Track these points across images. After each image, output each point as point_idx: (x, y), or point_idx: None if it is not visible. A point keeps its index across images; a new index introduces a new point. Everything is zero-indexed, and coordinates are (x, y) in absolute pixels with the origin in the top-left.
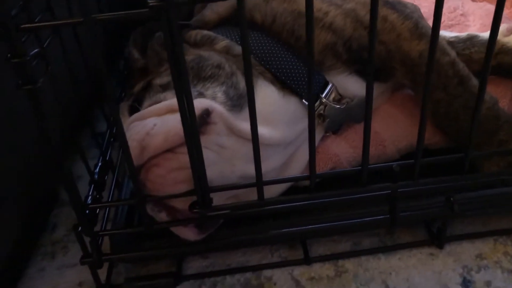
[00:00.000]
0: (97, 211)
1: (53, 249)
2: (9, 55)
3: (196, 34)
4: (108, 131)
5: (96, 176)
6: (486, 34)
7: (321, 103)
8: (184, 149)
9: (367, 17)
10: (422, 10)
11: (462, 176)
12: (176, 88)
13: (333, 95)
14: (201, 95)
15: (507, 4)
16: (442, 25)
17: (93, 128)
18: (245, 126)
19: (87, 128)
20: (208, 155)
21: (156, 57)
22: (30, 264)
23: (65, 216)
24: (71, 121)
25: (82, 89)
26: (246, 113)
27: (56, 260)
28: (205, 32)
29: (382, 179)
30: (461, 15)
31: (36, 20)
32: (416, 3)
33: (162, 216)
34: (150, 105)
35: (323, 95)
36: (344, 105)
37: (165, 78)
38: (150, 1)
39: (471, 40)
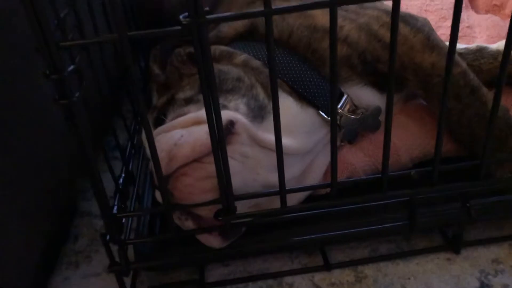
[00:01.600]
0: (123, 220)
1: (77, 259)
2: (47, 71)
3: (215, 49)
4: (129, 142)
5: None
6: (494, 46)
7: (337, 113)
8: (211, 159)
9: (380, 30)
10: None
11: (478, 181)
12: (206, 101)
13: (348, 106)
14: (224, 107)
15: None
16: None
17: (117, 140)
18: (267, 136)
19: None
20: (232, 164)
21: (177, 73)
22: (55, 274)
23: (86, 227)
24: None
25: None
26: (267, 123)
27: (80, 269)
28: (223, 47)
29: (397, 187)
30: (467, 27)
31: (69, 38)
32: (423, 16)
33: (189, 224)
34: (174, 118)
35: (339, 106)
36: (359, 116)
37: (188, 92)
38: (183, 20)
39: (480, 51)
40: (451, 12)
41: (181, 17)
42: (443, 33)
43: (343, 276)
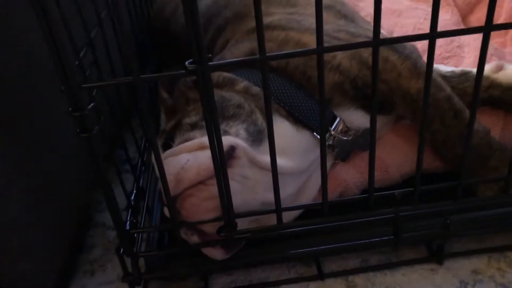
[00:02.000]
0: (135, 235)
1: (92, 268)
2: (70, 109)
3: (219, 76)
4: (139, 160)
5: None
6: None
7: (331, 135)
8: (214, 181)
9: (370, 58)
10: (421, 43)
11: (456, 201)
12: (209, 131)
13: (340, 127)
14: (226, 133)
15: (500, 33)
16: (439, 57)
17: (127, 154)
18: (265, 158)
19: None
20: (233, 185)
21: (183, 97)
22: (73, 281)
23: (100, 237)
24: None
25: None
26: (264, 146)
27: (96, 277)
28: (226, 74)
29: (386, 201)
30: (457, 47)
31: (87, 74)
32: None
33: (194, 239)
34: (180, 142)
35: (332, 128)
36: (351, 137)
37: (193, 117)
38: (188, 66)
39: (465, 75)
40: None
41: (186, 63)
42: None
43: (336, 285)
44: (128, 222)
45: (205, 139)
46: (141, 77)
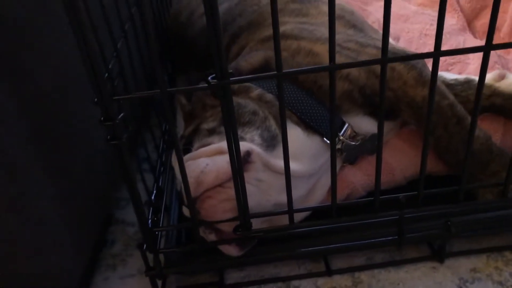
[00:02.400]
0: (157, 233)
1: (114, 262)
2: (102, 118)
3: None
4: (158, 160)
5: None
6: None
7: (339, 140)
8: (231, 184)
9: (378, 67)
10: (427, 49)
11: (457, 204)
12: (228, 140)
13: (349, 132)
14: (242, 138)
15: (504, 39)
16: (444, 63)
17: (148, 154)
18: (278, 162)
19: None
20: (248, 188)
21: (200, 103)
22: (96, 274)
23: (120, 233)
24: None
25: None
26: (277, 151)
27: (118, 271)
28: None
29: (391, 203)
30: None
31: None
32: (422, 40)
33: (212, 237)
34: (199, 147)
35: (341, 133)
36: (359, 142)
37: (211, 123)
38: (211, 80)
39: (468, 83)
40: (448, 36)
41: (209, 78)
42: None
43: (342, 281)
44: (150, 221)
45: (223, 144)
46: (167, 90)
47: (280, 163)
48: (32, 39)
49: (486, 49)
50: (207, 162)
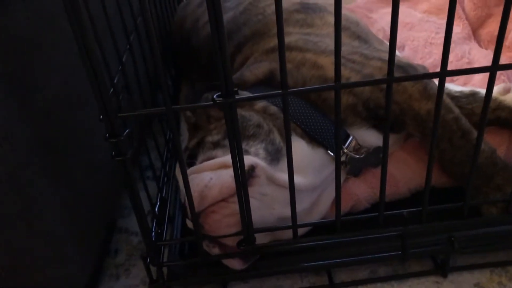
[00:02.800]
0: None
1: (117, 272)
2: (107, 134)
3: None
4: (162, 170)
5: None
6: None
7: (344, 153)
8: (235, 199)
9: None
10: (432, 58)
11: (461, 221)
12: (233, 156)
13: (353, 145)
14: (246, 152)
15: (510, 48)
16: None
17: (153, 167)
18: (282, 176)
19: None
20: (252, 202)
21: (205, 115)
22: (100, 284)
23: (124, 243)
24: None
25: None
26: (282, 164)
27: (121, 281)
28: (246, 93)
29: (395, 217)
30: (467, 63)
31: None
32: (428, 49)
33: (215, 251)
34: (203, 160)
35: (345, 145)
36: (363, 155)
37: (215, 136)
38: (216, 99)
39: (473, 96)
40: (454, 45)
41: (214, 96)
42: None
43: None
44: (153, 233)
45: (227, 158)
46: (173, 107)
47: (284, 176)
48: (40, 56)
49: (493, 70)
50: (211, 176)
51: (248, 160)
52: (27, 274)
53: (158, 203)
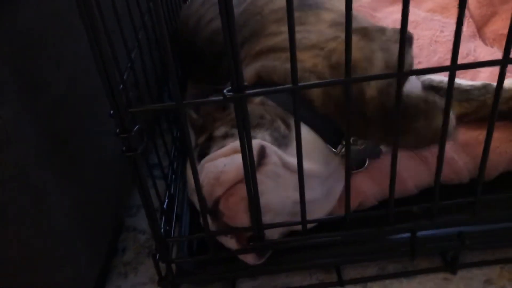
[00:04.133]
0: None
1: (125, 270)
2: (118, 130)
3: None
4: (170, 168)
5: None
6: None
7: (343, 146)
8: None
9: (390, 89)
10: (437, 56)
11: (472, 216)
12: (243, 150)
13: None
14: (253, 138)
15: None
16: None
17: (160, 160)
18: (292, 160)
19: None
20: (268, 182)
21: (210, 117)
22: (108, 282)
23: (131, 241)
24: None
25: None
26: (290, 149)
27: (129, 279)
28: None
29: (404, 213)
30: (473, 61)
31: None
32: (433, 47)
33: (232, 242)
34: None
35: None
36: (363, 146)
37: (222, 129)
38: (226, 93)
39: (485, 88)
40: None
41: (225, 91)
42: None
43: None
44: (162, 230)
45: (238, 143)
46: (183, 102)
47: (294, 160)
48: (49, 53)
49: (504, 62)
50: (225, 162)
51: (256, 142)
52: (35, 274)
53: (167, 200)
